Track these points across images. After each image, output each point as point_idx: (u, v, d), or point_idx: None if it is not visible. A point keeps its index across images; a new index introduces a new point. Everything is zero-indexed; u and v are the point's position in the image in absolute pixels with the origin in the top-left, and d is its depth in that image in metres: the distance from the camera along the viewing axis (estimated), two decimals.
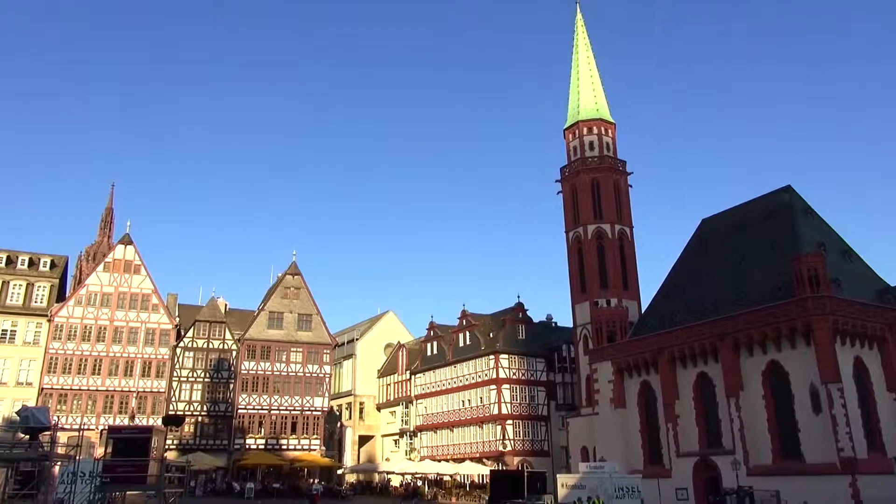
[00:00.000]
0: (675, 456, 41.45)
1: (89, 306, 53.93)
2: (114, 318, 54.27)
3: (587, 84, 58.52)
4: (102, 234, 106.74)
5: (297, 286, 61.02)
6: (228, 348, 56.97)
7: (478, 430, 57.32)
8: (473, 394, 58.34)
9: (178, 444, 51.97)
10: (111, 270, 55.83)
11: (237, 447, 54.46)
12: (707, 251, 48.20)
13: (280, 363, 57.85)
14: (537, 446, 55.55)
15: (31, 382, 50.81)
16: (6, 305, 51.80)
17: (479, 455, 55.96)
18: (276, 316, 59.27)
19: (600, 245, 53.00)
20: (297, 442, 56.34)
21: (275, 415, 56.53)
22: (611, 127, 57.50)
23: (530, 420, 56.11)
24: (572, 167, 56.41)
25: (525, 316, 60.26)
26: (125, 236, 58.00)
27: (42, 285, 53.64)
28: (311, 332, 59.76)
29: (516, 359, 57.22)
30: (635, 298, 52.33)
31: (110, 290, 54.92)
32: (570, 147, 57.52)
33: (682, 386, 42.30)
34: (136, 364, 53.96)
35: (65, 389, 51.53)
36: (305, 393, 57.72)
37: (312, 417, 57.55)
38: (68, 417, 49.40)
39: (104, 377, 52.77)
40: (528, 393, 56.72)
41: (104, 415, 51.57)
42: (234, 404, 55.54)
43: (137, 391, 53.41)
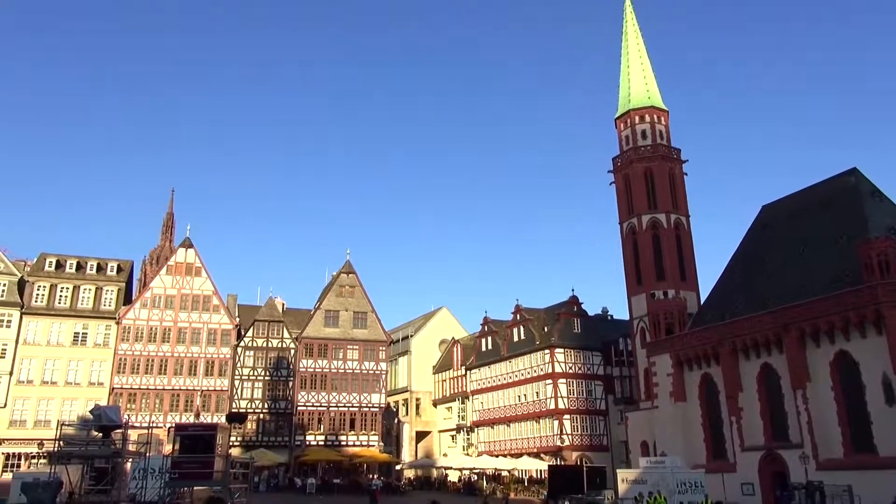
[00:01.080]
0: (739, 450, 40.32)
1: (154, 308, 55.87)
2: (177, 319, 56.08)
3: (637, 71, 57.36)
4: (164, 238, 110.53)
5: (352, 284, 61.81)
6: (287, 347, 58.17)
7: (534, 425, 57.00)
8: (529, 389, 58.02)
9: (241, 440, 53.34)
10: (173, 273, 57.70)
11: (298, 443, 55.59)
12: (768, 238, 46.66)
13: (337, 361, 58.76)
14: (596, 441, 54.89)
15: (102, 382, 52.98)
16: (77, 309, 54.14)
17: (537, 450, 55.67)
18: (331, 314, 60.19)
19: (656, 235, 51.91)
20: (355, 438, 57.15)
21: (333, 411, 57.46)
22: (663, 114, 56.22)
23: (588, 414, 55.47)
24: (625, 157, 55.40)
25: (580, 309, 59.57)
26: (186, 240, 59.85)
27: (110, 289, 55.85)
28: (366, 329, 60.46)
29: (572, 353, 56.63)
30: (693, 289, 51.07)
31: (173, 292, 56.77)
32: (622, 137, 56.49)
33: (745, 378, 41.08)
34: (200, 363, 55.65)
35: (133, 389, 53.55)
36: (363, 390, 58.46)
37: (370, 414, 58.26)
38: (137, 416, 51.32)
39: (170, 376, 54.61)
40: (584, 387, 56.08)
41: (171, 413, 53.36)
42: (294, 401, 56.69)
43: (201, 390, 55.07)
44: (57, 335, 52.97)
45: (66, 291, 54.35)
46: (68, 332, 53.29)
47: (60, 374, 52.25)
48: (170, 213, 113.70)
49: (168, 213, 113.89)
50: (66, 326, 53.40)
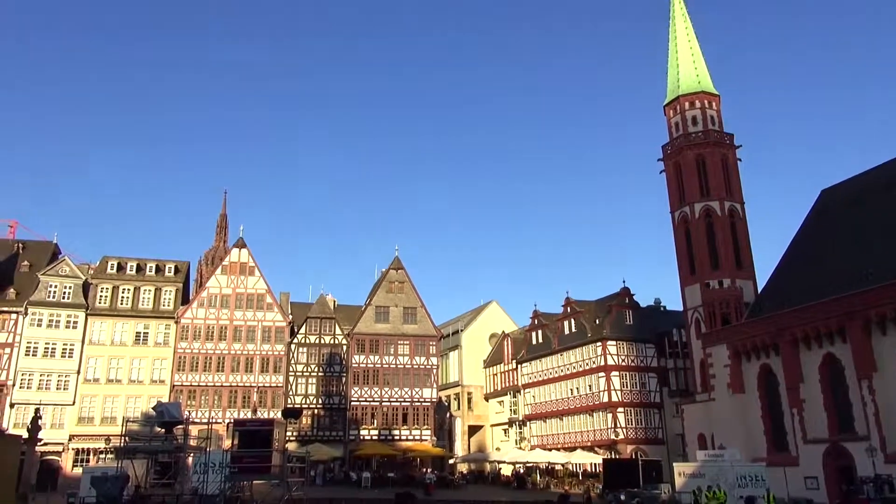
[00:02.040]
0: (801, 443, 39.12)
1: (210, 307, 57.37)
2: (233, 317, 57.46)
3: (686, 56, 55.98)
4: (219, 239, 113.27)
5: (401, 280, 62.22)
6: (339, 343, 58.99)
7: (588, 419, 56.43)
8: (582, 382, 57.45)
9: (297, 435, 54.34)
10: (228, 273, 59.13)
11: (352, 438, 56.37)
12: (829, 223, 45.02)
13: (388, 356, 59.29)
14: (651, 434, 54.00)
15: (163, 380, 54.73)
16: (138, 309, 56.03)
17: (591, 443, 55.11)
18: (382, 310, 60.73)
19: (709, 224, 50.67)
20: (408, 432, 57.60)
21: (386, 406, 58.03)
22: (714, 99, 54.77)
23: (642, 407, 54.59)
24: (675, 144, 54.21)
25: (632, 301, 58.62)
26: (239, 240, 61.21)
27: (168, 289, 57.61)
28: (416, 324, 60.83)
29: (624, 345, 55.81)
30: (750, 278, 49.66)
31: (228, 291, 58.19)
32: (672, 123, 55.26)
33: (807, 368, 39.77)
34: (255, 360, 56.92)
35: (193, 386, 55.14)
36: (414, 384, 58.87)
37: (422, 408, 58.63)
38: (197, 412, 52.82)
39: (227, 373, 56.04)
40: (638, 380, 55.20)
41: (229, 409, 54.75)
42: (347, 397, 57.48)
43: (258, 386, 56.34)
44: (120, 335, 54.97)
45: (128, 293, 56.31)
46: (130, 331, 55.23)
47: (124, 373, 54.20)
48: (223, 215, 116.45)
49: (221, 214, 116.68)
50: (129, 326, 55.35)
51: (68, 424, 51.78)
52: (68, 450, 51.23)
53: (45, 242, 62.44)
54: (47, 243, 61.98)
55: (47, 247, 60.93)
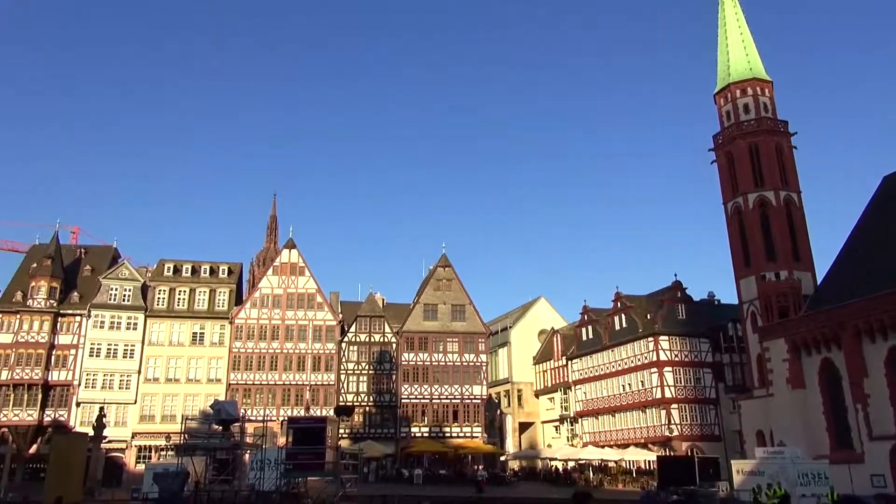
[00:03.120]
0: (867, 439, 37.66)
1: (263, 308, 58.54)
2: (284, 317, 58.51)
3: (737, 42, 54.43)
4: (269, 240, 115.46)
5: (449, 278, 62.32)
6: (388, 341, 59.46)
7: (641, 415, 55.52)
8: (634, 378, 56.54)
9: (349, 433, 55.00)
10: (279, 273, 60.22)
11: (403, 435, 56.77)
12: (892, 211, 43.18)
13: (437, 353, 59.47)
14: (707, 431, 52.80)
15: (219, 379, 56.11)
16: (194, 311, 57.59)
17: (644, 440, 54.22)
18: (430, 308, 60.94)
19: (764, 214, 49.22)
20: (459, 429, 57.70)
21: (436, 403, 58.23)
22: (767, 85, 53.12)
23: (697, 403, 53.42)
24: (726, 134, 52.81)
25: (684, 295, 57.38)
26: (289, 241, 62.28)
27: (222, 291, 59.03)
28: (464, 321, 60.85)
29: (677, 340, 54.68)
30: (808, 269, 48.03)
31: (280, 291, 59.27)
32: (723, 112, 53.85)
33: (871, 362, 38.25)
34: (307, 359, 57.83)
35: (248, 384, 56.37)
36: (464, 381, 58.91)
37: (472, 405, 58.64)
38: (252, 410, 53.97)
39: (280, 372, 57.10)
40: (692, 375, 54.04)
41: (283, 407, 55.78)
42: (398, 394, 57.90)
43: (310, 384, 57.22)
44: (177, 335, 56.60)
45: (184, 294, 57.95)
46: (187, 332, 56.81)
47: (182, 372, 55.78)
48: (273, 217, 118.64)
49: (271, 216, 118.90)
50: (185, 327, 56.94)
51: (131, 422, 53.60)
52: (131, 447, 53.03)
53: (106, 247, 64.74)
54: (107, 248, 64.24)
55: (107, 251, 63.15)
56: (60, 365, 53.79)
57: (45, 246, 58.10)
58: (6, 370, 52.21)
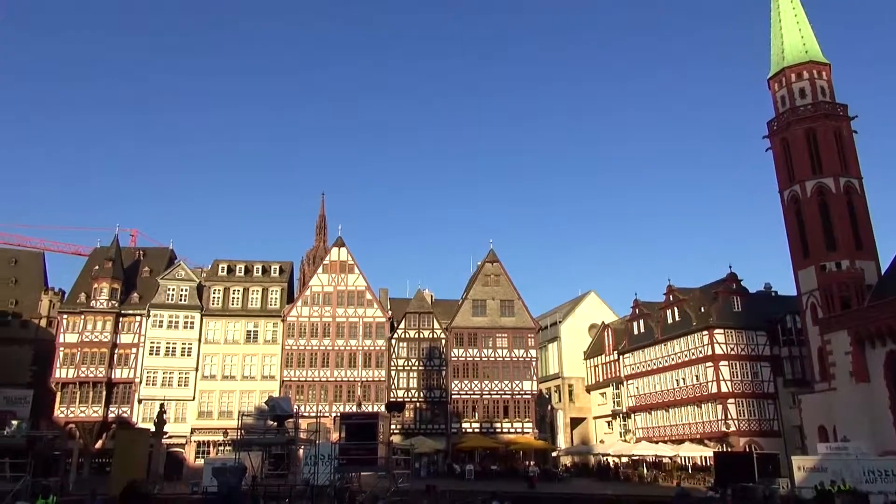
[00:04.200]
0: None
1: (314, 305, 59.49)
2: (335, 314, 59.33)
3: (791, 24, 52.59)
4: (318, 239, 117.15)
5: (497, 273, 62.15)
6: (437, 337, 59.68)
7: (696, 410, 54.33)
8: (688, 372, 55.37)
9: (400, 428, 55.45)
10: (329, 271, 61.09)
11: (454, 431, 56.92)
12: None
13: (487, 349, 59.39)
14: (765, 426, 51.33)
15: (273, 376, 57.29)
16: (248, 309, 58.92)
17: (700, 436, 53.06)
18: (479, 303, 60.91)
19: (822, 202, 47.49)
20: (509, 425, 57.54)
21: (486, 399, 58.19)
22: (824, 68, 51.19)
23: (755, 398, 51.97)
24: (781, 120, 51.13)
25: (739, 287, 55.85)
26: (338, 239, 63.11)
27: (274, 289, 60.24)
28: (513, 317, 60.59)
29: (733, 333, 53.27)
30: (872, 258, 46.12)
31: (330, 289, 60.12)
32: (777, 98, 52.15)
33: None
34: (358, 355, 58.53)
35: (301, 381, 57.38)
36: (514, 377, 58.71)
37: (523, 401, 58.39)
38: (306, 406, 54.89)
39: (332, 368, 57.94)
40: (749, 369, 52.59)
41: (335, 403, 56.60)
42: (448, 390, 58.07)
43: (361, 380, 57.92)
44: (232, 334, 58.04)
45: (238, 293, 59.38)
46: (241, 330, 58.18)
47: (237, 369, 57.17)
48: (322, 216, 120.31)
49: (320, 215, 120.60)
50: (240, 325, 58.32)
51: (190, 418, 55.22)
52: (190, 442, 54.65)
53: (163, 248, 66.79)
54: (164, 249, 66.28)
55: (164, 252, 65.15)
56: (123, 363, 55.82)
57: (106, 249, 60.30)
58: (73, 368, 54.51)
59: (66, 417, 53.67)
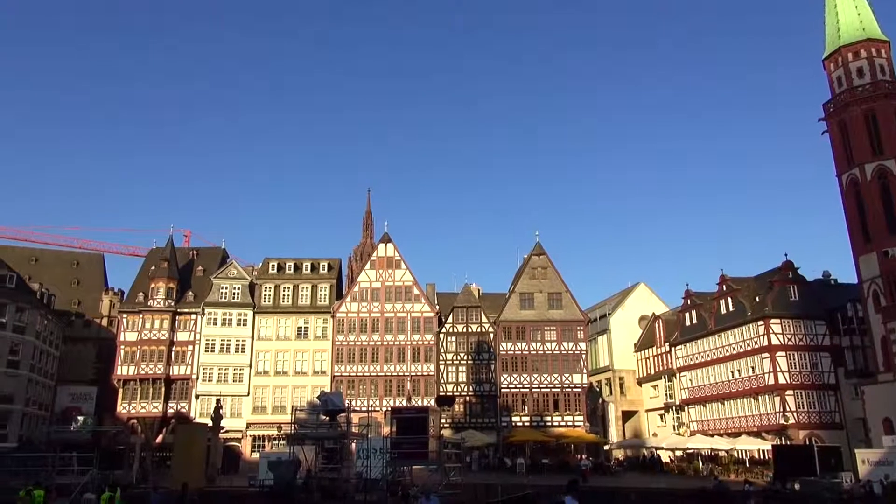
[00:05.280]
0: None
1: (362, 301, 60.12)
2: (383, 309, 59.84)
3: (846, 1, 50.58)
4: (365, 235, 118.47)
5: (544, 266, 61.70)
6: (486, 331, 59.62)
7: (752, 403, 52.95)
8: (743, 363, 53.96)
9: (450, 422, 55.63)
10: (376, 267, 61.62)
11: (504, 424, 56.83)
12: None
13: (535, 342, 59.07)
14: (826, 418, 49.67)
15: (324, 371, 58.17)
16: (298, 306, 59.94)
17: (757, 429, 51.70)
18: (526, 297, 60.59)
19: (884, 185, 45.64)
20: (560, 418, 57.15)
21: (536, 393, 57.91)
22: (884, 46, 49.09)
23: (814, 390, 50.32)
24: (838, 101, 49.28)
25: (796, 275, 54.09)
26: (384, 235, 63.57)
27: (324, 286, 61.12)
28: (562, 310, 60.09)
29: (790, 323, 51.67)
30: None
31: (378, 285, 60.66)
32: (833, 78, 50.26)
33: None
34: (407, 350, 58.94)
35: (351, 376, 58.11)
36: (563, 370, 58.26)
37: (573, 394, 57.92)
38: (357, 400, 55.58)
39: (381, 363, 58.48)
40: (808, 360, 50.95)
41: (385, 397, 57.12)
42: (497, 384, 57.99)
43: (410, 375, 58.30)
44: (283, 330, 59.15)
45: (288, 291, 60.45)
46: (292, 326, 59.23)
47: (289, 365, 58.25)
48: (368, 212, 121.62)
49: (366, 211, 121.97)
50: (291, 322, 59.38)
51: (245, 413, 56.56)
52: (246, 436, 55.97)
53: (215, 248, 68.47)
54: (217, 249, 67.93)
55: (217, 252, 66.77)
56: (180, 360, 57.51)
57: (162, 250, 62.13)
58: (133, 366, 56.44)
59: (128, 413, 55.61)
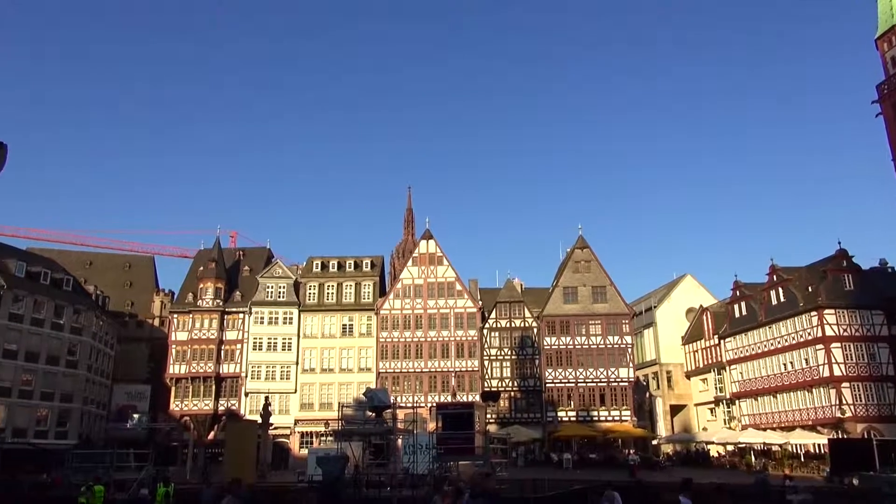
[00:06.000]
0: None
1: (405, 298, 60.44)
2: (426, 306, 60.06)
3: None
4: (407, 232, 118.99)
5: (587, 259, 61.05)
6: (529, 326, 59.32)
7: (806, 395, 51.47)
8: (796, 355, 52.46)
9: (496, 418, 55.52)
10: (419, 264, 61.86)
11: (550, 419, 56.50)
12: None
13: (580, 336, 58.52)
14: (885, 411, 47.96)
15: (369, 368, 58.72)
16: (342, 304, 60.61)
17: (812, 422, 50.23)
18: (569, 291, 60.05)
19: None
20: (606, 413, 56.53)
21: (581, 387, 57.40)
22: None
23: (872, 381, 48.62)
24: (892, 82, 47.49)
25: (851, 263, 52.30)
26: (426, 232, 63.77)
27: (367, 283, 61.67)
28: (606, 303, 59.37)
29: (845, 313, 50.01)
30: None
31: (420, 281, 60.90)
32: (887, 59, 48.49)
33: None
34: (451, 346, 59.04)
35: (396, 372, 58.51)
36: (609, 364, 57.61)
37: (619, 388, 57.23)
38: (402, 396, 55.94)
39: (426, 359, 58.72)
40: (865, 351, 49.25)
41: (430, 393, 57.36)
42: (542, 379, 57.65)
43: (455, 371, 58.41)
44: (328, 328, 59.91)
45: (332, 289, 61.19)
46: (337, 324, 59.93)
47: (335, 362, 58.98)
48: (409, 209, 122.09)
49: (407, 208, 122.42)
50: (335, 319, 60.09)
51: (293, 410, 57.51)
52: (294, 433, 56.91)
53: (261, 248, 69.74)
54: (262, 249, 69.18)
55: (262, 252, 68.00)
56: (229, 358, 58.78)
57: (209, 251, 63.55)
58: (184, 364, 57.93)
59: (181, 410, 57.11)
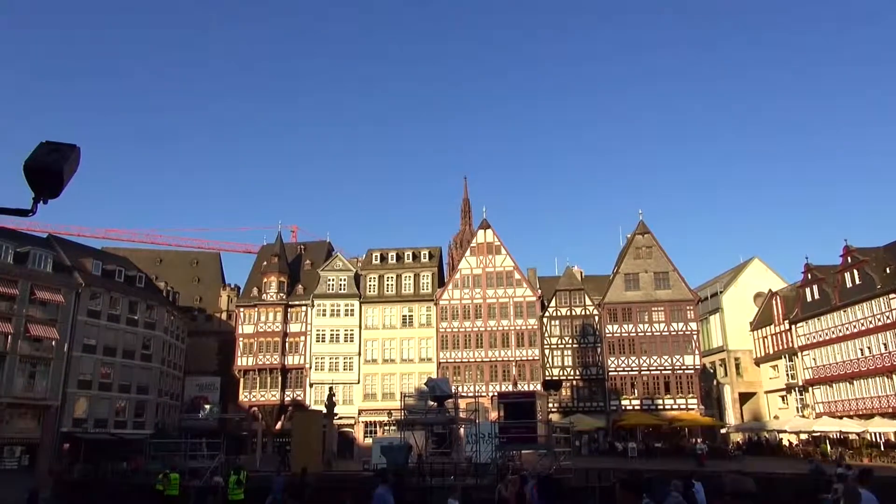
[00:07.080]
0: None
1: (464, 288, 60.55)
2: (485, 295, 60.01)
3: None
4: (464, 222, 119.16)
5: (649, 245, 59.76)
6: (590, 314, 58.55)
7: (886, 382, 49.09)
8: (874, 340, 50.07)
9: (558, 406, 55.15)
10: (476, 254, 61.83)
11: (613, 408, 55.72)
12: None
13: (643, 324, 57.43)
14: None
15: (430, 358, 59.13)
16: (402, 295, 61.17)
17: (892, 410, 47.91)
18: (631, 277, 58.95)
19: None
20: (672, 401, 55.37)
21: (645, 375, 56.37)
22: None
23: None
24: None
25: None
26: (483, 222, 63.64)
27: (426, 274, 62.04)
28: (669, 289, 58.04)
29: None
30: None
31: (478, 271, 60.88)
32: None
33: None
34: (511, 335, 58.85)
35: (456, 362, 58.75)
36: (673, 352, 56.37)
37: (685, 376, 55.94)
38: (463, 386, 56.06)
39: (486, 349, 58.73)
40: None
41: (491, 382, 57.37)
42: (604, 367, 56.89)
43: (515, 360, 58.22)
44: (389, 319, 60.60)
45: (392, 280, 61.83)
46: (397, 315, 60.55)
47: (396, 353, 59.65)
48: (465, 200, 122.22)
49: (464, 199, 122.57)
50: (395, 310, 60.72)
51: (356, 400, 58.51)
52: (358, 423, 57.91)
53: (321, 242, 71.04)
54: (323, 243, 70.47)
55: (323, 246, 69.27)
56: (293, 350, 60.21)
57: (272, 246, 65.12)
58: (251, 357, 59.66)
59: (249, 401, 58.86)
